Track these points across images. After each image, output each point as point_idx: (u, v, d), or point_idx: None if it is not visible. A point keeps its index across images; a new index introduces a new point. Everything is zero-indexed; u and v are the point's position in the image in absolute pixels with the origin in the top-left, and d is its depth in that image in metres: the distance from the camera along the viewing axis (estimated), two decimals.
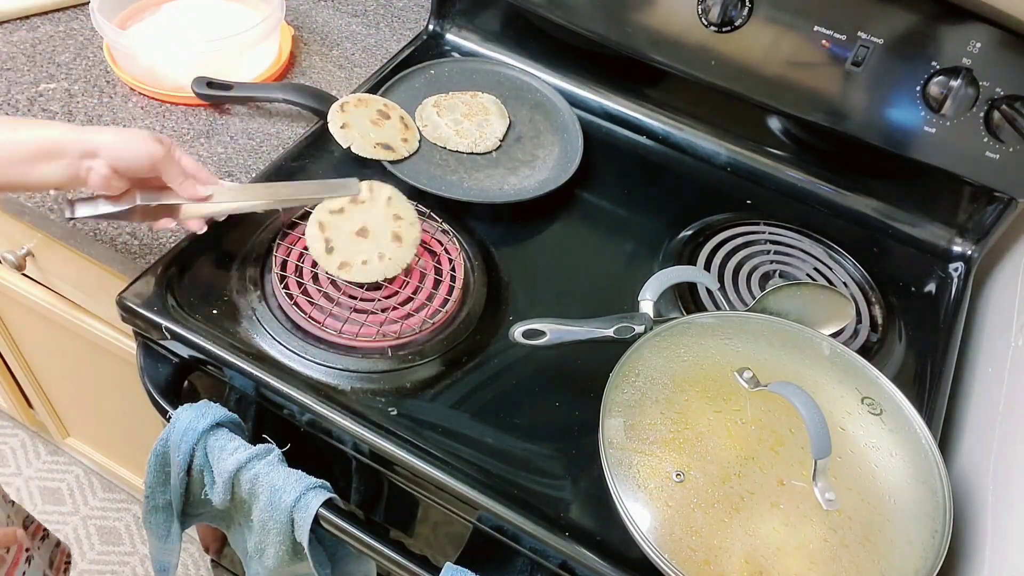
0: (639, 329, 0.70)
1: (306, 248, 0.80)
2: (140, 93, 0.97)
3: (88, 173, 0.66)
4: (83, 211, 0.69)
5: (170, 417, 0.72)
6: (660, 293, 0.73)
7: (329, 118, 0.91)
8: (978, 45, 0.79)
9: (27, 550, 0.86)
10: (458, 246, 0.83)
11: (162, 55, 0.94)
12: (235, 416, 0.73)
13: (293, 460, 0.71)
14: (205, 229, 0.75)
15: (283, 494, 0.67)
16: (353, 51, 1.09)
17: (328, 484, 0.69)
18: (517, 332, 0.69)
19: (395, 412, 0.71)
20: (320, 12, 1.14)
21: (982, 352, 0.85)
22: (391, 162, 0.89)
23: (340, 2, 1.17)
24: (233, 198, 0.74)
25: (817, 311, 0.74)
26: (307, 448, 0.73)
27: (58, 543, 0.98)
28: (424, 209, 0.84)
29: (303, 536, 0.68)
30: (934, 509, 0.62)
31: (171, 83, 0.96)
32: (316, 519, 0.67)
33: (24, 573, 0.85)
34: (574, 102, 1.03)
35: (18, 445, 1.68)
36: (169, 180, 0.69)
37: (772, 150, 0.99)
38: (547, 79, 1.05)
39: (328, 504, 0.68)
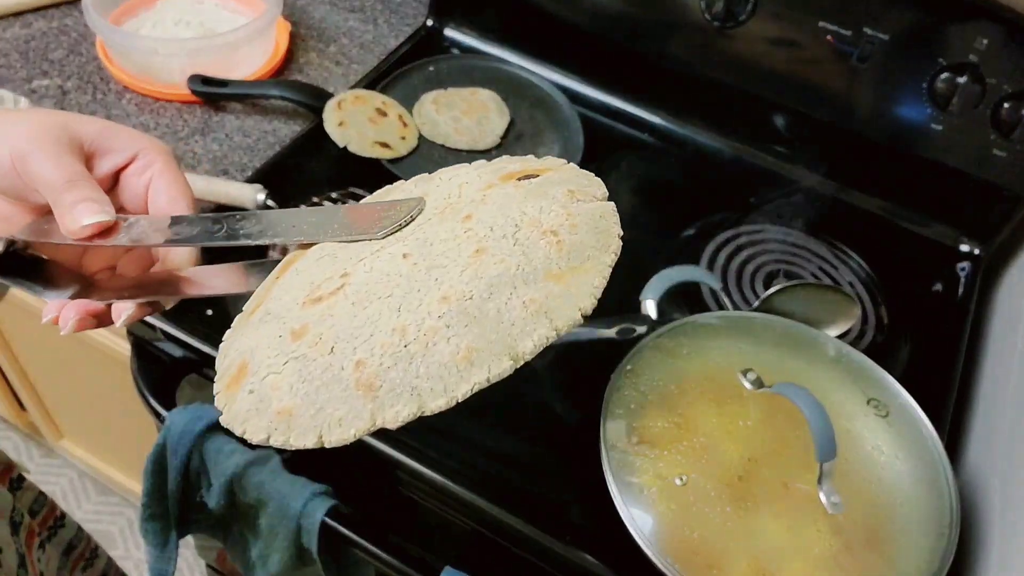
0: (641, 330, 0.70)
1: None
2: (134, 90, 0.96)
3: None
4: None
5: (164, 420, 0.72)
6: (662, 293, 0.72)
7: (325, 116, 0.89)
8: (985, 41, 0.78)
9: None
10: None
11: (156, 51, 0.93)
12: None
13: (291, 462, 0.70)
14: (122, 320, 0.42)
15: (290, 501, 0.67)
16: (350, 47, 1.07)
17: (331, 489, 0.69)
18: None
19: None
20: (317, 8, 1.13)
21: (990, 353, 0.84)
22: (389, 160, 0.88)
23: None
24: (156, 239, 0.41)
25: (822, 311, 0.73)
26: (305, 450, 0.72)
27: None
28: None
29: (311, 543, 0.67)
30: (940, 512, 0.61)
31: (166, 80, 0.95)
32: (322, 525, 0.67)
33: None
34: (575, 98, 1.02)
35: (11, 448, 1.67)
36: (43, 189, 0.39)
37: (776, 147, 0.98)
38: (547, 75, 1.04)
39: (333, 511, 0.67)
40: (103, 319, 0.43)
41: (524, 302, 0.32)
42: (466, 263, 0.33)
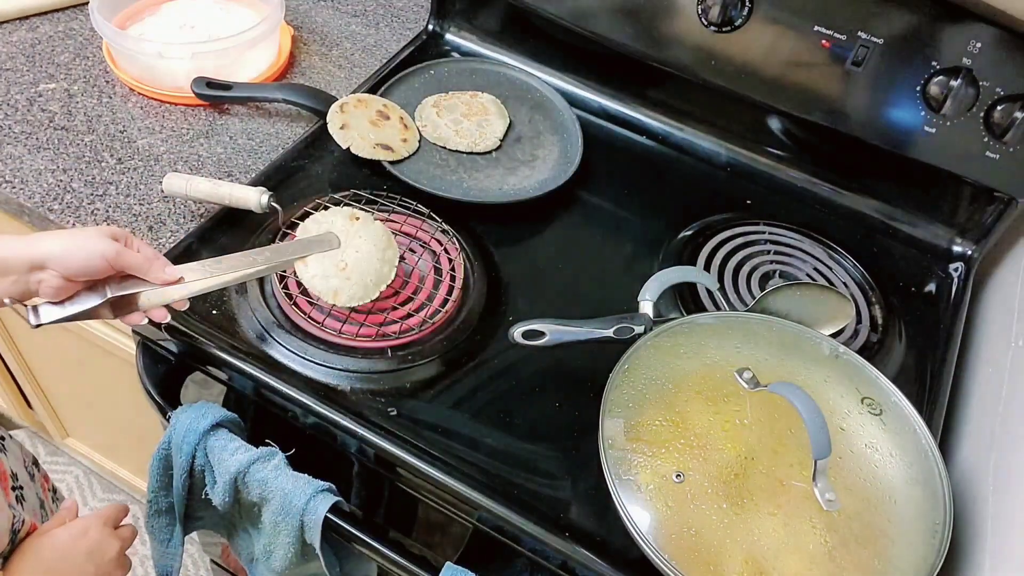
0: (639, 329, 0.70)
1: None
2: (139, 93, 0.97)
3: (39, 286, 0.62)
4: (48, 315, 0.63)
5: (169, 417, 0.72)
6: (660, 293, 0.73)
7: (328, 118, 0.90)
8: (978, 45, 0.79)
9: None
10: (458, 246, 0.83)
11: (161, 55, 0.94)
12: (235, 416, 0.73)
13: (294, 460, 0.71)
14: (168, 318, 0.69)
15: (293, 498, 0.68)
16: (353, 51, 1.08)
17: (334, 487, 0.69)
18: (517, 333, 0.69)
19: (395, 412, 0.71)
20: (320, 12, 1.14)
21: (982, 352, 0.85)
22: (391, 162, 0.89)
23: (340, 2, 1.17)
24: (205, 274, 0.67)
25: (817, 311, 0.74)
26: (307, 448, 0.73)
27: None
28: (423, 209, 0.84)
29: (315, 539, 0.68)
30: (934, 509, 0.62)
31: (170, 83, 0.96)
32: (325, 522, 0.67)
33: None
34: (574, 102, 1.03)
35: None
36: (135, 270, 0.64)
37: (772, 150, 0.99)
38: (547, 79, 1.05)
39: (335, 507, 0.68)
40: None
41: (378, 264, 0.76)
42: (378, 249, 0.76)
